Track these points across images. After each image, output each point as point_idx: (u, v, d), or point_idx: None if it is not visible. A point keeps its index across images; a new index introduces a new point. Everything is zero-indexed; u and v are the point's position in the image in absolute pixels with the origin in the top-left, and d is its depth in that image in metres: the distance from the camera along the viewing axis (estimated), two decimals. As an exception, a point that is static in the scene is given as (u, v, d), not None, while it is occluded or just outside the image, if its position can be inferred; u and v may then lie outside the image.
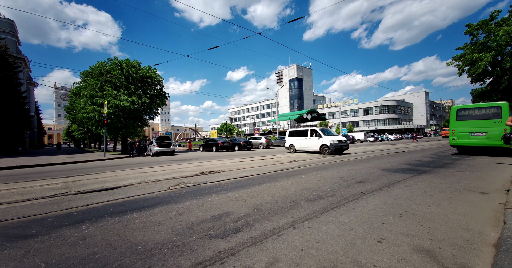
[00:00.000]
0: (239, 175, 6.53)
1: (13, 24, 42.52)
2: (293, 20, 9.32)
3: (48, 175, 7.38)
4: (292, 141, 15.68)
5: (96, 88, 17.20)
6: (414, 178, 5.77)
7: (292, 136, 15.83)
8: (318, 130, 13.88)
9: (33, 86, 58.36)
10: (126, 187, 4.99)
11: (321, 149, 13.47)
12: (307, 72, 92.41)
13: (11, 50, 39.89)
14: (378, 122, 68.87)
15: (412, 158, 10.41)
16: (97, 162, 13.34)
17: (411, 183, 5.24)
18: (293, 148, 15.66)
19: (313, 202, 3.84)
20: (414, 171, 6.80)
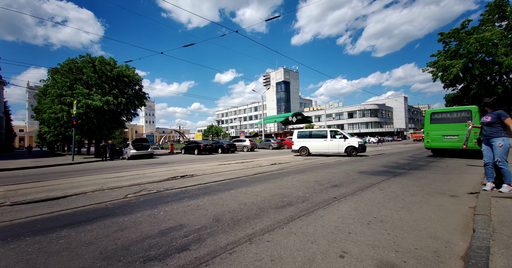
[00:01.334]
0: (211, 180, 6.13)
1: (-23, 17, 39.25)
2: (270, 18, 9.17)
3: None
4: (304, 142, 14.14)
5: (65, 86, 16.00)
6: (389, 181, 5.68)
7: (302, 137, 14.35)
8: (343, 132, 13.54)
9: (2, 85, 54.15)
10: (76, 196, 4.42)
11: (348, 151, 12.99)
12: (294, 76, 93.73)
13: (-25, 44, 36.72)
14: (361, 126, 71.11)
15: (390, 160, 10.55)
16: (62, 166, 12.28)
17: (385, 186, 5.13)
18: (305, 150, 14.13)
19: (281, 209, 3.55)
20: (390, 174, 6.76)
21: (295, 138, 14.68)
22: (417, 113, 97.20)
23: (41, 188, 5.33)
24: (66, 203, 3.90)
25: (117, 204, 3.78)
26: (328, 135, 13.68)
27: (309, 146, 14.09)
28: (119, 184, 5.62)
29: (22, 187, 5.53)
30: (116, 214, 3.27)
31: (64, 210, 3.49)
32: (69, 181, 6.41)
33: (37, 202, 3.99)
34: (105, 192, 4.76)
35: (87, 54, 17.11)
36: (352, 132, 70.75)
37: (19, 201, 4.02)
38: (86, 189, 5.09)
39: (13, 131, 72.64)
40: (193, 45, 10.87)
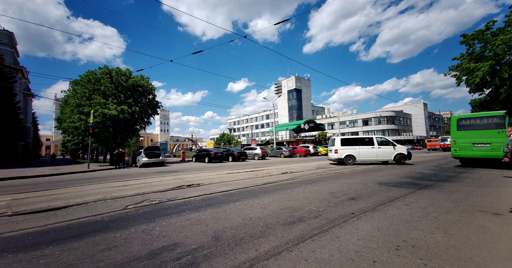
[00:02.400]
0: (217, 190, 5.80)
1: (11, 36, 43.14)
2: (279, 22, 9.02)
3: (4, 190, 6.62)
4: (350, 150, 12.89)
5: (84, 97, 16.75)
6: (415, 194, 5.04)
7: (347, 145, 13.08)
8: (389, 139, 12.98)
9: (31, 97, 58.31)
10: (77, 206, 4.25)
11: (397, 159, 12.44)
12: (306, 83, 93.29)
13: (9, 61, 40.15)
14: (377, 133, 68.35)
15: (413, 170, 9.68)
16: (77, 174, 12.55)
17: (411, 200, 4.52)
18: (352, 159, 12.88)
19: (291, 226, 3.12)
20: (415, 186, 6.07)
21: (338, 145, 13.10)
22: (438, 120, 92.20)
23: (47, 197, 5.26)
24: (64, 214, 3.72)
25: (114, 216, 3.54)
26: (375, 142, 12.78)
27: (356, 153, 12.87)
28: (123, 193, 5.44)
29: (30, 195, 5.51)
30: (110, 228, 3.00)
31: (59, 222, 3.29)
32: (76, 189, 6.35)
33: (37, 212, 3.86)
34: (107, 202, 4.57)
35: (105, 66, 17.97)
36: (368, 140, 68.14)
37: (20, 211, 3.91)
38: (89, 198, 4.94)
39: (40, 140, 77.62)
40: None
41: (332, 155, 13.40)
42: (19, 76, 44.75)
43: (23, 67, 51.11)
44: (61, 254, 2.28)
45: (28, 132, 52.48)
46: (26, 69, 53.32)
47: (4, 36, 42.23)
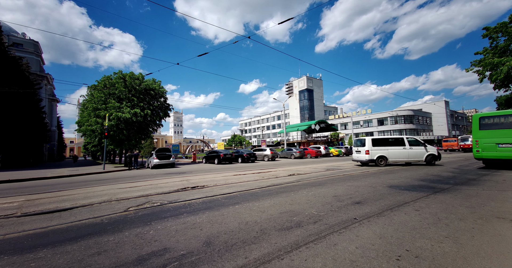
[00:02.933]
0: (220, 192, 5.77)
1: (37, 45, 46.21)
2: (283, 21, 8.88)
3: (21, 191, 7.00)
4: (382, 151, 12.42)
5: (100, 101, 17.54)
6: (428, 199, 4.72)
7: (379, 145, 12.61)
8: (420, 140, 12.73)
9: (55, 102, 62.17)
10: (82, 207, 4.39)
11: (428, 159, 12.24)
12: (318, 83, 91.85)
13: (34, 68, 43.00)
14: (394, 133, 65.66)
15: (429, 172, 9.14)
16: (92, 175, 13.09)
17: (422, 205, 4.22)
18: (384, 160, 12.40)
19: (287, 231, 3.00)
20: (429, 189, 5.69)
21: (369, 145, 12.56)
22: (462, 119, 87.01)
23: (58, 198, 5.49)
24: (67, 215, 3.84)
25: (113, 218, 3.60)
26: (406, 143, 12.48)
27: (388, 154, 12.49)
28: (128, 195, 5.56)
29: (42, 196, 5.79)
30: (106, 231, 3.04)
31: (60, 224, 3.39)
32: (86, 191, 6.59)
33: (43, 213, 4.02)
34: (111, 204, 4.68)
35: (119, 71, 18.71)
36: (383, 141, 65.66)
37: (29, 212, 4.09)
38: (95, 200, 5.09)
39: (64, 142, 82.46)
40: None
41: (360, 156, 12.90)
42: (44, 83, 47.78)
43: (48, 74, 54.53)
44: (53, 258, 2.33)
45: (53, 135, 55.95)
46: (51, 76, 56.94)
47: (30, 45, 45.30)
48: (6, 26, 43.54)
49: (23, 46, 44.57)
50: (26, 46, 44.90)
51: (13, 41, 43.06)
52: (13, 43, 42.58)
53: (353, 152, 13.84)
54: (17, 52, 39.41)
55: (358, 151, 13.21)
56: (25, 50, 43.63)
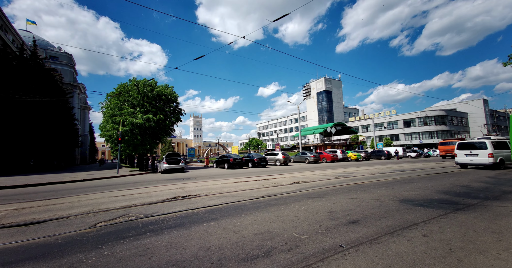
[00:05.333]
0: (206, 204, 5.37)
1: (71, 58, 50.61)
2: (278, 18, 8.31)
3: (23, 197, 7.22)
4: (500, 154, 11.93)
5: (116, 107, 18.36)
6: (445, 219, 3.86)
7: (497, 148, 12.05)
8: None
9: (88, 109, 67.68)
10: (56, 220, 4.26)
11: None
12: (337, 85, 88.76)
13: (68, 79, 47.07)
14: (423, 135, 60.58)
15: (456, 183, 7.90)
16: (104, 180, 13.54)
17: (434, 228, 3.42)
18: (503, 163, 11.96)
19: (249, 263, 2.48)
20: (450, 205, 4.75)
21: (491, 148, 11.79)
22: (504, 119, 77.98)
23: (45, 207, 5.50)
24: (32, 230, 3.71)
25: (69, 238, 3.35)
26: None
27: (504, 157, 12.10)
28: (111, 206, 5.40)
29: (34, 204, 5.87)
30: (46, 256, 2.76)
31: (15, 242, 3.22)
32: (78, 199, 6.61)
33: (15, 226, 3.95)
34: (87, 216, 4.51)
35: (133, 78, 19.51)
36: (411, 144, 60.97)
37: (3, 224, 4.05)
38: (76, 211, 4.98)
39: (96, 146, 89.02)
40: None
41: (479, 159, 12.22)
42: (77, 91, 52.06)
43: (81, 84, 59.36)
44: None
45: (85, 140, 60.63)
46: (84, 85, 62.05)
47: (64, 58, 49.74)
48: (43, 41, 48.45)
49: (58, 59, 49.04)
50: (61, 59, 49.35)
51: (49, 54, 47.66)
52: (49, 57, 47.19)
53: (457, 154, 13.29)
54: (52, 65, 43.45)
55: (471, 154, 12.58)
56: (60, 63, 47.99)
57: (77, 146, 41.88)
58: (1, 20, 26.66)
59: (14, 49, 27.85)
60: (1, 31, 25.31)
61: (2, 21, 26.80)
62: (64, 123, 29.93)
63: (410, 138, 63.31)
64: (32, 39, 32.35)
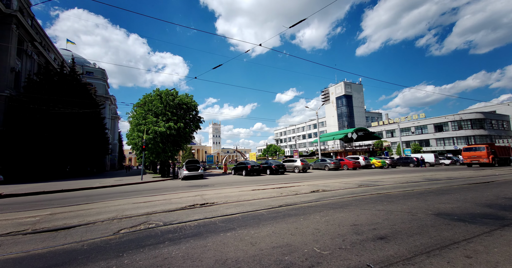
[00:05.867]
0: (223, 212, 5.32)
1: (104, 72, 55.27)
2: (294, 24, 8.23)
3: (58, 202, 7.74)
4: None
5: (141, 117, 19.47)
6: (490, 237, 3.38)
7: None
8: None
9: (117, 119, 72.86)
10: (84, 226, 4.48)
11: None
12: (357, 88, 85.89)
13: (101, 92, 51.26)
14: (458, 141, 55.53)
15: (501, 194, 7.00)
16: (129, 186, 14.21)
17: (479, 248, 2.99)
18: None
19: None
20: (496, 221, 4.18)
21: None
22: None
23: (76, 212, 5.84)
24: (62, 236, 3.92)
25: (94, 244, 3.47)
26: None
27: None
28: (134, 212, 5.58)
29: (66, 210, 6.27)
30: (71, 262, 2.88)
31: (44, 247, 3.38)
32: (105, 204, 6.95)
33: (48, 231, 4.20)
34: (111, 223, 4.69)
35: (157, 89, 20.69)
36: (443, 150, 56.19)
37: (38, 229, 4.34)
38: (102, 216, 5.21)
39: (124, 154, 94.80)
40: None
41: None
42: (108, 103, 56.41)
43: (112, 96, 64.27)
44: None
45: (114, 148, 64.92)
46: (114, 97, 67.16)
47: (98, 72, 54.41)
48: (81, 59, 53.52)
49: (93, 74, 53.80)
50: (96, 74, 54.06)
51: (86, 70, 52.51)
52: (86, 72, 52.00)
53: None
54: (88, 79, 47.79)
55: None
56: (94, 77, 52.57)
57: (108, 153, 44.80)
58: (44, 41, 30.07)
59: (56, 66, 31.16)
60: (44, 50, 28.50)
61: (45, 41, 30.22)
62: (97, 133, 32.38)
63: (442, 143, 58.43)
64: (71, 57, 36.01)
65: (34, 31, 25.49)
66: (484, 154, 23.25)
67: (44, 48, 28.86)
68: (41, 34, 28.98)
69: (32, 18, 26.13)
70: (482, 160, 23.26)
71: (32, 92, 20.46)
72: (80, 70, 47.12)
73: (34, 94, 20.17)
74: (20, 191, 11.18)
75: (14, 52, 21.74)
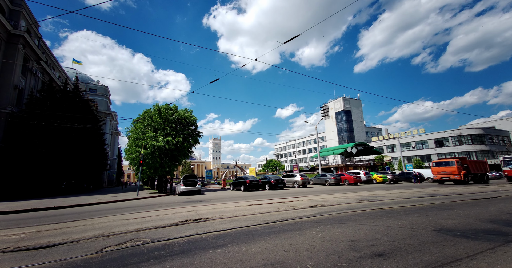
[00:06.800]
0: (216, 228, 5.10)
1: (106, 89, 56.54)
2: (289, 40, 8.55)
3: (45, 220, 7.45)
4: None
5: (139, 132, 19.52)
6: (494, 253, 3.20)
7: None
8: None
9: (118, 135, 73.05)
10: (67, 244, 4.27)
11: None
12: (356, 104, 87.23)
13: (102, 108, 52.03)
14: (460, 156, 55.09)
15: (505, 210, 6.79)
16: (124, 202, 13.80)
17: (482, 265, 2.82)
18: None
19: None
20: (499, 236, 3.98)
21: None
22: (551, 134, 69.05)
23: (62, 230, 5.60)
24: (42, 254, 3.71)
25: (74, 263, 3.27)
26: None
27: None
28: (123, 229, 5.34)
29: (53, 227, 6.02)
30: None
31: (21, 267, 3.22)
32: (94, 221, 6.69)
33: (29, 249, 3.99)
34: (97, 240, 4.47)
35: (157, 104, 21.01)
36: (444, 164, 55.37)
37: (20, 247, 4.12)
38: (88, 234, 4.98)
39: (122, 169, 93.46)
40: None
41: None
42: (109, 119, 57.01)
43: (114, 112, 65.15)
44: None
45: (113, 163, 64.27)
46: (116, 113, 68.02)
47: (101, 90, 55.66)
48: (85, 76, 55.13)
49: (96, 91, 55.00)
50: (98, 91, 55.26)
51: (89, 87, 53.81)
52: (89, 89, 53.25)
53: None
54: (91, 96, 48.77)
55: None
56: (97, 94, 53.67)
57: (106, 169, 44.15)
58: (50, 60, 31.20)
59: (59, 84, 31.97)
60: (49, 69, 29.46)
61: (50, 60, 31.36)
62: (95, 148, 32.17)
63: (444, 158, 57.88)
64: (75, 74, 37.13)
65: (41, 51, 26.53)
66: (455, 169, 20.66)
67: (49, 67, 29.85)
68: (47, 54, 30.14)
69: (39, 39, 27.34)
70: (453, 176, 20.68)
71: (33, 109, 20.75)
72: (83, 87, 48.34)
73: (35, 110, 20.44)
74: (10, 208, 10.85)
75: (19, 70, 22.43)
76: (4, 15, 21.19)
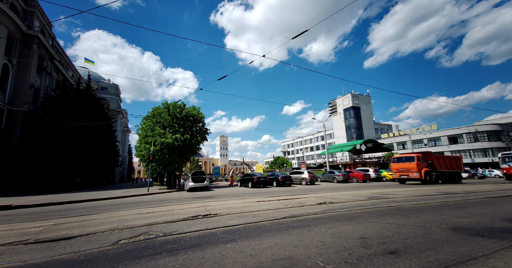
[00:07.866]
0: (225, 223, 5.17)
1: (117, 87, 57.78)
2: (297, 35, 8.43)
3: (63, 213, 7.79)
4: None
5: (149, 129, 19.92)
6: (511, 252, 3.09)
7: None
8: None
9: (128, 132, 74.75)
10: (85, 236, 4.45)
11: None
12: (365, 100, 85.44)
13: (113, 106, 53.27)
14: (475, 153, 53.16)
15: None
16: (135, 197, 14.21)
17: (498, 264, 2.74)
18: None
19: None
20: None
21: None
22: None
23: (79, 223, 5.84)
24: (61, 246, 3.89)
25: (91, 255, 3.41)
26: None
27: None
28: (136, 223, 5.51)
29: (70, 220, 6.28)
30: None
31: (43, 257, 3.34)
32: (109, 215, 6.93)
33: (49, 241, 4.18)
34: (112, 233, 4.63)
35: (165, 101, 21.32)
36: (458, 161, 53.64)
37: (40, 239, 4.33)
38: (104, 227, 5.17)
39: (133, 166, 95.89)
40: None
41: None
42: (120, 116, 58.37)
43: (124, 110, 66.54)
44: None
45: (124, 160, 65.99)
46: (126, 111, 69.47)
47: (112, 88, 56.91)
48: (97, 75, 56.44)
49: (107, 89, 56.29)
50: (109, 89, 56.54)
51: (101, 86, 55.12)
52: (100, 87, 54.57)
53: None
54: (102, 94, 49.97)
55: None
56: (108, 92, 54.94)
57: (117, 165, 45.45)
58: (63, 59, 32.11)
59: (73, 82, 32.94)
60: (63, 68, 30.34)
61: (64, 60, 32.27)
62: (108, 145, 33.13)
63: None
64: (87, 73, 38.11)
65: (54, 51, 27.34)
66: (414, 166, 17.29)
67: (63, 66, 30.75)
68: (60, 53, 31.03)
69: (53, 39, 28.15)
70: (412, 174, 17.39)
71: (48, 107, 21.51)
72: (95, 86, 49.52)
73: (51, 108, 21.18)
74: (29, 202, 11.38)
75: (34, 69, 23.23)
76: (18, 16, 21.89)
